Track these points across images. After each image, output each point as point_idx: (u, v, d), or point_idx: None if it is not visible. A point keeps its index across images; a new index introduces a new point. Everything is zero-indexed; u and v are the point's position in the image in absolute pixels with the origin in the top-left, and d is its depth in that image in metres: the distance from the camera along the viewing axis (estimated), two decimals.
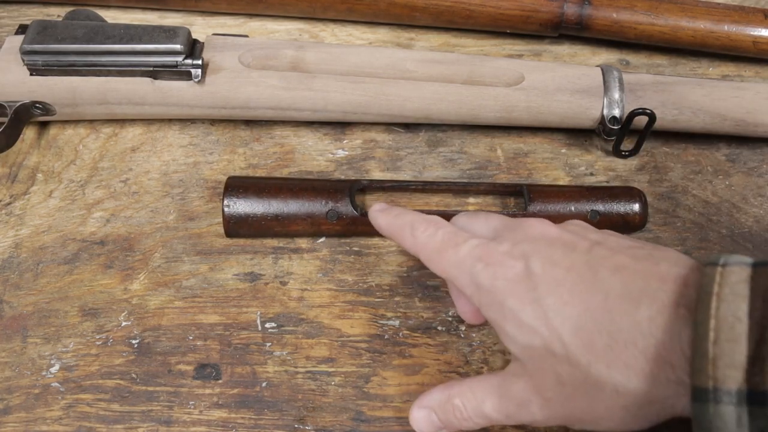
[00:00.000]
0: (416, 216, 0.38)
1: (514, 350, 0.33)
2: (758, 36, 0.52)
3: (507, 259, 0.33)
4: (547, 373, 0.32)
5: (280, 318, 0.43)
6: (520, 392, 0.33)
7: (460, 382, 0.36)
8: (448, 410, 0.35)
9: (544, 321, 0.31)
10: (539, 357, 0.32)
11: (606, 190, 0.46)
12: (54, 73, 0.45)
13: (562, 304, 0.31)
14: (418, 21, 0.54)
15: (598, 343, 0.30)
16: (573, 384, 0.31)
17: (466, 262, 0.34)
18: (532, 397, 0.33)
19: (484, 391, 0.34)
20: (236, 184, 0.44)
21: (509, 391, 0.34)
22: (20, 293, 0.43)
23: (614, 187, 0.46)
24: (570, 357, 0.31)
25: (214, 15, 0.56)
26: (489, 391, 0.34)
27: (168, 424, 0.39)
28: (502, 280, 0.33)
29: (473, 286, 0.34)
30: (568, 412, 0.32)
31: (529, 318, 0.32)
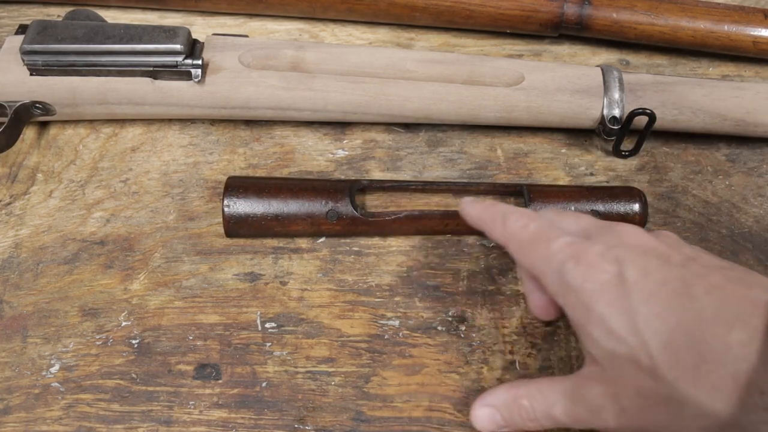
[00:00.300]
0: (509, 207, 0.38)
1: (596, 354, 0.33)
2: (758, 36, 0.52)
3: (600, 262, 0.33)
4: (628, 383, 0.31)
5: (280, 318, 0.43)
6: (595, 398, 0.33)
7: (527, 383, 0.35)
8: (513, 410, 0.35)
9: (634, 331, 0.31)
10: (622, 366, 0.31)
11: (606, 190, 0.46)
12: (54, 73, 0.45)
13: (654, 316, 0.30)
14: (418, 21, 0.54)
15: (686, 361, 0.29)
16: (654, 397, 0.31)
17: (556, 258, 0.34)
18: (608, 404, 0.32)
19: (555, 393, 0.34)
20: (236, 184, 0.44)
21: (583, 395, 0.33)
22: (20, 293, 0.43)
23: (614, 187, 0.46)
24: (656, 371, 0.30)
25: (214, 15, 0.56)
26: (560, 393, 0.34)
27: (168, 424, 0.39)
28: (593, 282, 0.32)
29: (561, 284, 0.34)
30: (642, 424, 0.32)
31: (618, 326, 0.31)
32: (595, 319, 0.32)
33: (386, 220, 0.44)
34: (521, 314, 0.43)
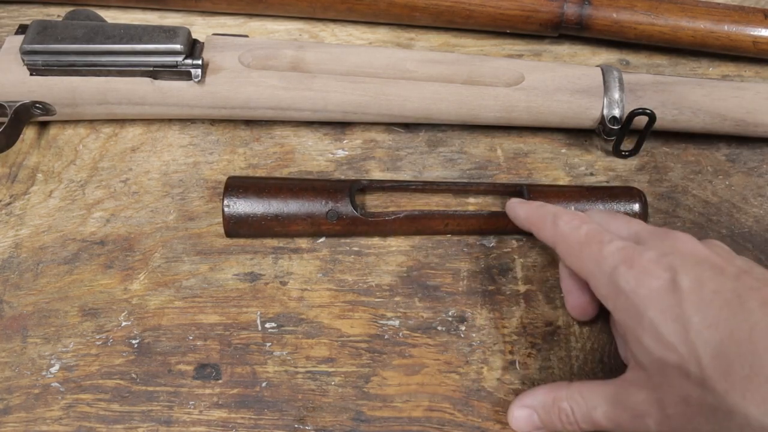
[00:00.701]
0: (559, 208, 0.39)
1: (643, 360, 0.33)
2: (758, 36, 0.51)
3: (654, 268, 0.33)
4: (675, 391, 0.31)
5: (280, 318, 0.43)
6: (639, 403, 0.33)
7: (568, 385, 0.36)
8: (552, 413, 0.36)
9: (685, 340, 0.31)
10: (670, 373, 0.31)
11: (606, 190, 0.46)
12: (54, 73, 0.45)
13: (706, 327, 0.30)
14: (418, 21, 0.54)
15: (737, 373, 0.29)
16: (700, 406, 0.31)
17: (608, 262, 0.34)
18: (652, 411, 0.32)
19: (597, 397, 0.34)
20: (236, 184, 0.44)
21: (626, 400, 0.33)
22: (20, 293, 0.43)
23: (614, 187, 0.46)
24: (705, 381, 0.30)
25: (214, 15, 0.56)
26: (602, 397, 0.34)
27: (168, 424, 0.39)
28: (645, 288, 0.32)
29: (611, 288, 0.34)
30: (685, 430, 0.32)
31: (670, 333, 0.31)
32: (646, 324, 0.32)
33: (386, 220, 0.44)
34: (521, 314, 0.43)
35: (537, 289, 0.44)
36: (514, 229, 0.45)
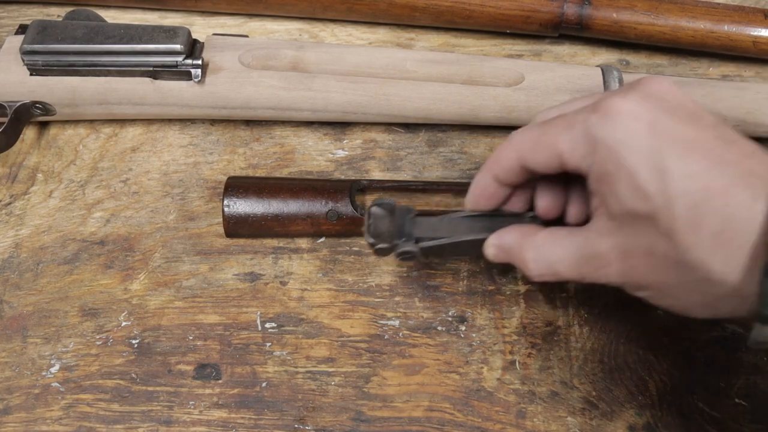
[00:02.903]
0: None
1: (615, 209, 0.31)
2: (758, 36, 0.51)
3: (631, 110, 0.30)
4: (641, 241, 0.31)
5: (280, 318, 0.43)
6: (603, 253, 0.32)
7: (534, 234, 0.35)
8: (517, 260, 0.35)
9: (662, 188, 0.29)
10: (640, 224, 0.30)
11: None
12: (54, 73, 0.45)
13: (685, 176, 0.29)
14: (418, 21, 0.54)
15: (707, 227, 0.28)
16: (665, 258, 0.30)
17: (578, 120, 0.32)
18: (615, 260, 0.32)
19: (561, 250, 0.34)
20: (236, 184, 0.44)
21: (591, 250, 0.33)
22: (20, 293, 0.43)
23: None
24: (674, 232, 0.29)
25: (214, 15, 0.56)
26: (566, 251, 0.34)
27: (168, 424, 0.39)
28: (623, 131, 0.30)
29: (587, 143, 0.31)
30: (645, 282, 0.32)
31: (647, 182, 0.29)
32: (623, 172, 0.30)
33: None
34: (521, 314, 0.43)
35: (537, 289, 0.44)
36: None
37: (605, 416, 0.40)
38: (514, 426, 0.39)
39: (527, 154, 0.34)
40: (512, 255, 0.36)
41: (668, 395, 0.40)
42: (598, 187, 0.32)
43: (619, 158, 0.30)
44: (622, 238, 0.31)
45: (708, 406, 0.40)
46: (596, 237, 0.33)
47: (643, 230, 0.30)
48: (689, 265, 0.29)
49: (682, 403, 0.40)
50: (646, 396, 0.40)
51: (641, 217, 0.30)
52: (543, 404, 0.40)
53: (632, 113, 0.30)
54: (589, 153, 0.31)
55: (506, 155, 0.35)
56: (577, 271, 0.33)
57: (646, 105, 0.31)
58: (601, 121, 0.31)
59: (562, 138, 0.32)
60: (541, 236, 0.35)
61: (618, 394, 0.40)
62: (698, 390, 0.40)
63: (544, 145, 0.33)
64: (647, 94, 0.31)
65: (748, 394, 0.40)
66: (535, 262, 0.35)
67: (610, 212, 0.32)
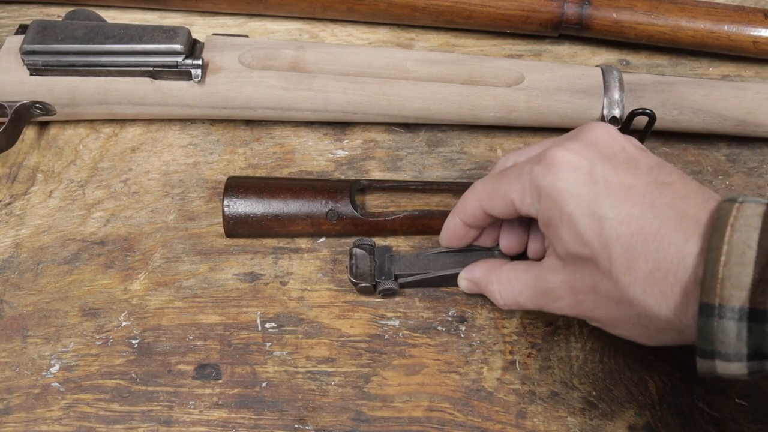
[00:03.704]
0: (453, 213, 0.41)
1: (560, 252, 0.34)
2: (758, 36, 0.51)
3: (571, 160, 0.33)
4: (585, 280, 0.34)
5: (280, 318, 0.43)
6: (554, 289, 0.35)
7: (499, 268, 0.39)
8: (486, 291, 0.40)
9: (599, 235, 0.32)
10: (582, 265, 0.33)
11: None
12: (54, 73, 0.45)
13: (619, 222, 0.31)
14: (418, 21, 0.54)
15: (642, 268, 0.31)
16: (606, 295, 0.33)
17: (525, 171, 0.35)
18: (565, 295, 0.35)
19: (520, 283, 0.37)
20: (236, 184, 0.44)
21: (544, 285, 0.36)
22: (20, 293, 0.43)
23: None
24: (612, 273, 0.32)
25: (214, 15, 0.56)
26: (525, 285, 0.37)
27: (168, 424, 0.39)
28: (564, 181, 0.33)
29: (533, 192, 0.34)
30: (593, 314, 0.35)
31: (585, 229, 0.32)
32: (564, 219, 0.33)
33: (386, 220, 0.44)
34: (521, 314, 0.43)
35: None
36: None
37: (605, 416, 0.40)
38: (514, 426, 0.39)
39: (486, 202, 0.38)
40: (481, 287, 0.40)
41: (668, 395, 0.40)
42: (545, 231, 0.35)
43: (561, 206, 0.33)
44: (570, 276, 0.35)
45: (708, 406, 0.40)
46: (548, 273, 0.36)
47: (586, 270, 0.33)
48: (628, 302, 0.32)
49: (682, 403, 0.40)
50: (646, 396, 0.40)
51: (583, 259, 0.33)
52: (543, 404, 0.40)
53: (572, 163, 0.33)
54: (536, 200, 0.35)
55: (470, 203, 0.39)
56: (534, 302, 0.37)
57: (585, 154, 0.33)
58: (544, 171, 0.34)
59: (512, 188, 0.36)
60: (505, 270, 0.39)
61: (618, 394, 0.40)
62: (698, 390, 0.40)
63: (498, 195, 0.37)
64: (587, 144, 0.34)
65: (748, 394, 0.40)
66: (500, 294, 0.39)
67: (557, 253, 0.35)
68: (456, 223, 0.40)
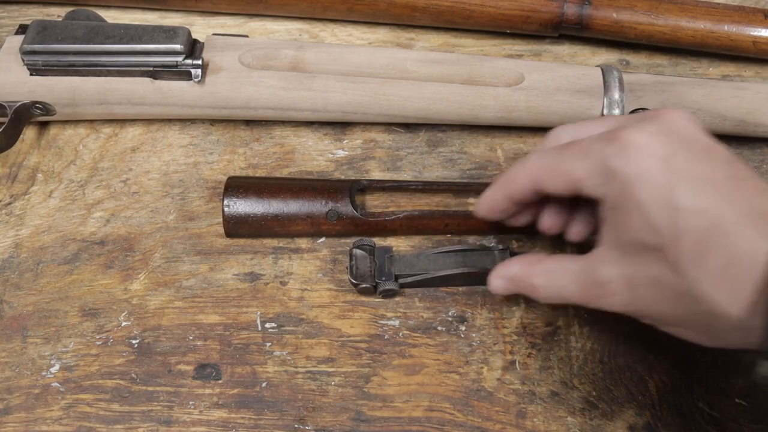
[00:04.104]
0: None
1: (623, 239, 0.32)
2: (758, 36, 0.51)
3: (646, 144, 0.31)
4: (648, 272, 0.31)
5: (280, 318, 0.43)
6: (608, 281, 0.33)
7: (540, 261, 0.36)
8: (525, 288, 0.37)
9: (671, 224, 0.30)
10: (647, 255, 0.31)
11: None
12: (54, 73, 0.45)
13: (694, 213, 0.30)
14: (418, 21, 0.54)
15: (713, 262, 0.29)
16: (670, 290, 0.31)
17: (594, 149, 0.32)
18: (620, 289, 0.33)
19: (568, 277, 0.35)
20: (236, 184, 0.44)
21: (596, 277, 0.33)
22: (20, 293, 0.43)
23: None
24: (680, 266, 0.30)
25: (214, 15, 0.56)
26: (573, 277, 0.35)
27: (168, 424, 0.39)
28: (638, 166, 0.31)
29: (603, 172, 0.32)
30: (650, 311, 0.33)
31: (657, 217, 0.30)
32: (636, 205, 0.31)
33: (386, 220, 0.44)
34: (521, 314, 0.43)
35: None
36: (514, 228, 0.45)
37: (605, 416, 0.40)
38: (514, 426, 0.39)
39: (542, 178, 0.35)
40: (520, 283, 0.37)
41: (668, 395, 0.40)
42: (610, 216, 0.33)
43: (633, 191, 0.31)
44: (629, 267, 0.32)
45: (708, 406, 0.40)
46: (601, 264, 0.34)
47: (650, 261, 0.31)
48: (694, 297, 0.30)
49: (682, 403, 0.40)
50: (646, 396, 0.40)
51: (649, 249, 0.31)
52: (543, 404, 0.40)
53: (648, 147, 0.31)
54: (605, 183, 0.32)
55: (521, 177, 0.36)
56: (583, 295, 0.35)
57: (662, 139, 0.31)
58: (617, 152, 0.31)
59: (578, 165, 0.33)
60: (548, 262, 0.36)
61: (618, 394, 0.40)
62: (698, 390, 0.40)
63: (559, 172, 0.34)
64: (664, 128, 0.32)
65: (748, 394, 0.40)
66: (544, 288, 0.36)
67: (620, 241, 0.33)
68: (498, 196, 0.38)
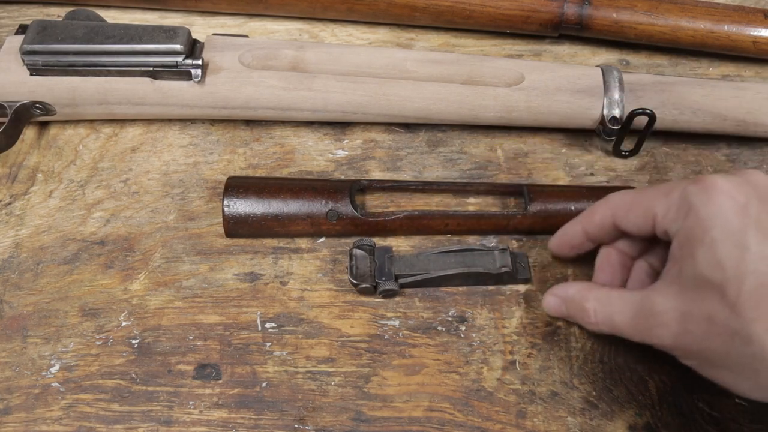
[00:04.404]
0: None
1: (686, 273, 0.33)
2: (758, 36, 0.51)
3: (727, 190, 0.33)
4: (703, 308, 0.33)
5: (280, 318, 0.43)
6: (662, 314, 0.34)
7: (598, 288, 0.38)
8: (577, 310, 0.38)
9: (736, 264, 0.31)
10: (706, 291, 0.32)
11: (606, 190, 0.46)
12: (54, 73, 0.45)
13: (761, 258, 0.31)
14: (418, 21, 0.54)
15: None
16: (723, 327, 0.32)
17: (678, 188, 0.35)
18: (672, 322, 0.34)
19: (622, 303, 0.36)
20: (236, 184, 0.44)
21: (651, 309, 0.35)
22: (20, 293, 0.43)
23: (614, 188, 0.46)
24: (738, 306, 0.31)
25: (214, 15, 0.56)
26: (626, 306, 0.36)
27: (168, 424, 0.39)
28: (717, 206, 0.33)
29: (682, 207, 0.34)
30: (699, 350, 0.34)
31: (725, 255, 0.32)
32: (706, 241, 0.33)
33: (386, 220, 0.44)
34: (521, 314, 0.43)
35: (537, 289, 0.44)
36: (515, 228, 0.45)
37: (605, 416, 0.40)
38: (514, 426, 0.39)
39: (622, 213, 0.38)
40: (573, 304, 0.39)
41: (668, 395, 0.40)
42: (678, 251, 0.35)
43: (707, 227, 0.33)
44: (685, 302, 0.34)
45: (708, 406, 0.40)
46: (657, 296, 0.35)
47: (708, 297, 0.32)
48: (746, 338, 0.31)
49: (682, 403, 0.40)
50: (646, 396, 0.40)
51: (710, 286, 0.32)
52: (543, 404, 0.40)
53: (729, 192, 0.33)
54: (681, 218, 0.34)
55: (602, 212, 0.39)
56: (633, 325, 0.36)
57: (743, 189, 0.33)
58: (699, 191, 0.34)
59: (659, 202, 0.36)
60: (605, 290, 0.38)
61: (618, 394, 0.40)
62: (698, 390, 0.40)
63: (639, 207, 0.37)
64: (746, 181, 0.34)
65: None
66: (596, 313, 0.37)
67: (681, 276, 0.34)
68: (577, 231, 0.41)
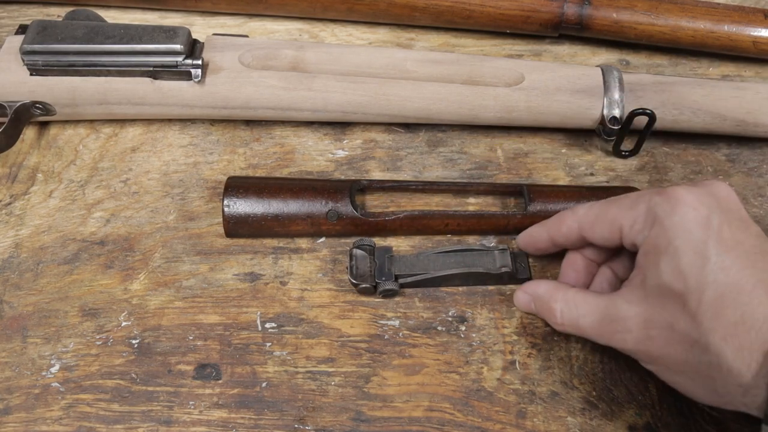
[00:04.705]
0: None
1: (650, 281, 0.34)
2: (758, 36, 0.52)
3: (690, 202, 0.34)
4: (665, 315, 0.34)
5: (280, 318, 0.43)
6: (626, 318, 0.35)
7: (566, 290, 0.38)
8: (544, 309, 0.39)
9: (698, 274, 0.32)
10: (668, 299, 0.33)
11: (606, 190, 0.46)
12: (54, 73, 0.45)
13: (720, 269, 0.32)
14: (418, 21, 0.54)
15: (728, 316, 0.31)
16: (683, 336, 0.33)
17: (644, 199, 0.36)
18: (635, 328, 0.35)
19: (587, 307, 0.37)
20: (236, 184, 0.44)
21: (615, 313, 0.36)
22: (20, 293, 0.43)
23: (614, 187, 0.46)
24: (697, 315, 0.32)
25: (214, 15, 0.56)
26: (592, 310, 0.37)
27: (168, 424, 0.39)
28: (680, 217, 0.34)
29: (647, 218, 0.35)
30: (659, 356, 0.35)
31: (687, 265, 0.33)
32: (670, 250, 0.33)
33: (386, 220, 0.44)
34: (521, 314, 0.43)
35: None
36: (515, 228, 0.45)
37: (605, 416, 0.40)
38: (514, 426, 0.39)
39: (588, 226, 0.39)
40: (542, 304, 0.40)
41: (668, 395, 0.40)
42: (642, 260, 0.35)
43: (671, 238, 0.34)
44: (649, 308, 0.34)
45: (708, 406, 0.40)
46: (622, 302, 0.36)
47: (669, 305, 0.33)
48: (704, 347, 0.32)
49: (682, 403, 0.40)
50: (646, 396, 0.40)
51: (672, 294, 0.33)
52: (543, 404, 0.40)
53: (692, 204, 0.34)
54: (647, 227, 0.35)
55: (567, 223, 0.40)
56: (597, 330, 0.37)
57: (705, 200, 0.34)
58: (663, 202, 0.35)
59: (625, 215, 0.36)
60: (572, 292, 0.38)
61: (618, 394, 0.40)
62: None
63: (605, 220, 0.37)
64: (709, 192, 0.35)
65: None
66: (561, 313, 0.38)
67: (645, 283, 0.35)
68: (543, 236, 0.41)
